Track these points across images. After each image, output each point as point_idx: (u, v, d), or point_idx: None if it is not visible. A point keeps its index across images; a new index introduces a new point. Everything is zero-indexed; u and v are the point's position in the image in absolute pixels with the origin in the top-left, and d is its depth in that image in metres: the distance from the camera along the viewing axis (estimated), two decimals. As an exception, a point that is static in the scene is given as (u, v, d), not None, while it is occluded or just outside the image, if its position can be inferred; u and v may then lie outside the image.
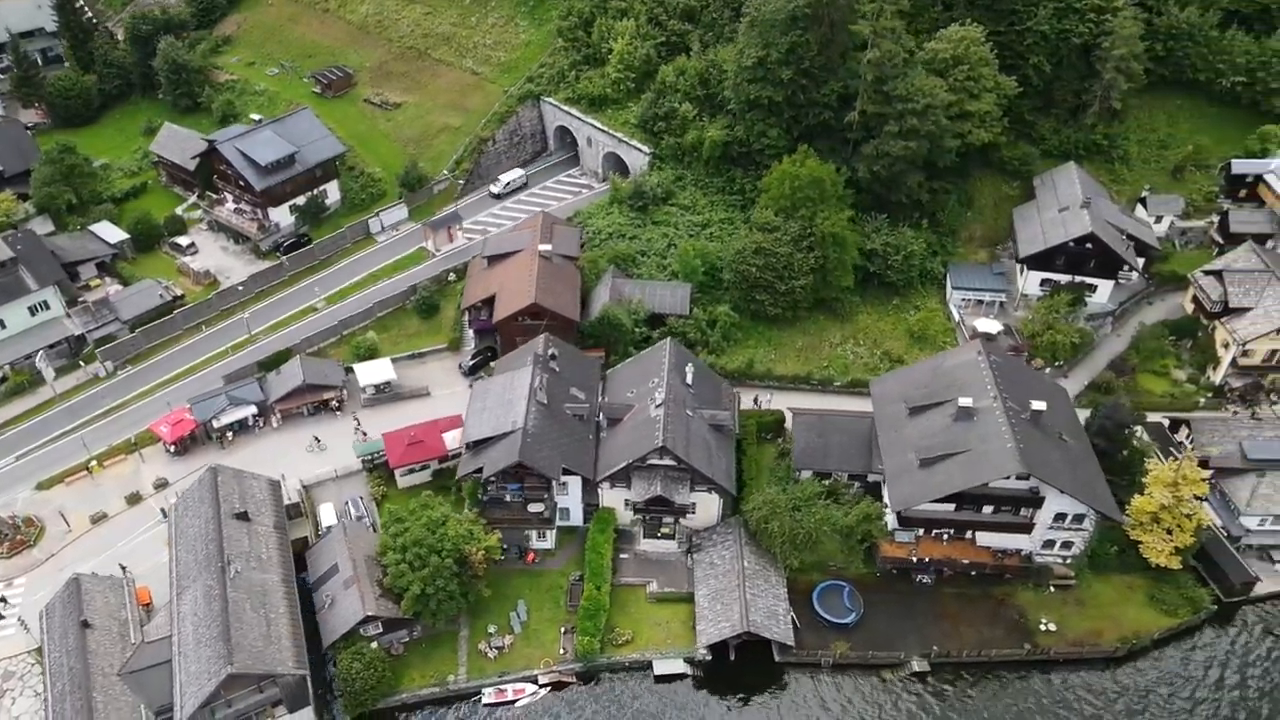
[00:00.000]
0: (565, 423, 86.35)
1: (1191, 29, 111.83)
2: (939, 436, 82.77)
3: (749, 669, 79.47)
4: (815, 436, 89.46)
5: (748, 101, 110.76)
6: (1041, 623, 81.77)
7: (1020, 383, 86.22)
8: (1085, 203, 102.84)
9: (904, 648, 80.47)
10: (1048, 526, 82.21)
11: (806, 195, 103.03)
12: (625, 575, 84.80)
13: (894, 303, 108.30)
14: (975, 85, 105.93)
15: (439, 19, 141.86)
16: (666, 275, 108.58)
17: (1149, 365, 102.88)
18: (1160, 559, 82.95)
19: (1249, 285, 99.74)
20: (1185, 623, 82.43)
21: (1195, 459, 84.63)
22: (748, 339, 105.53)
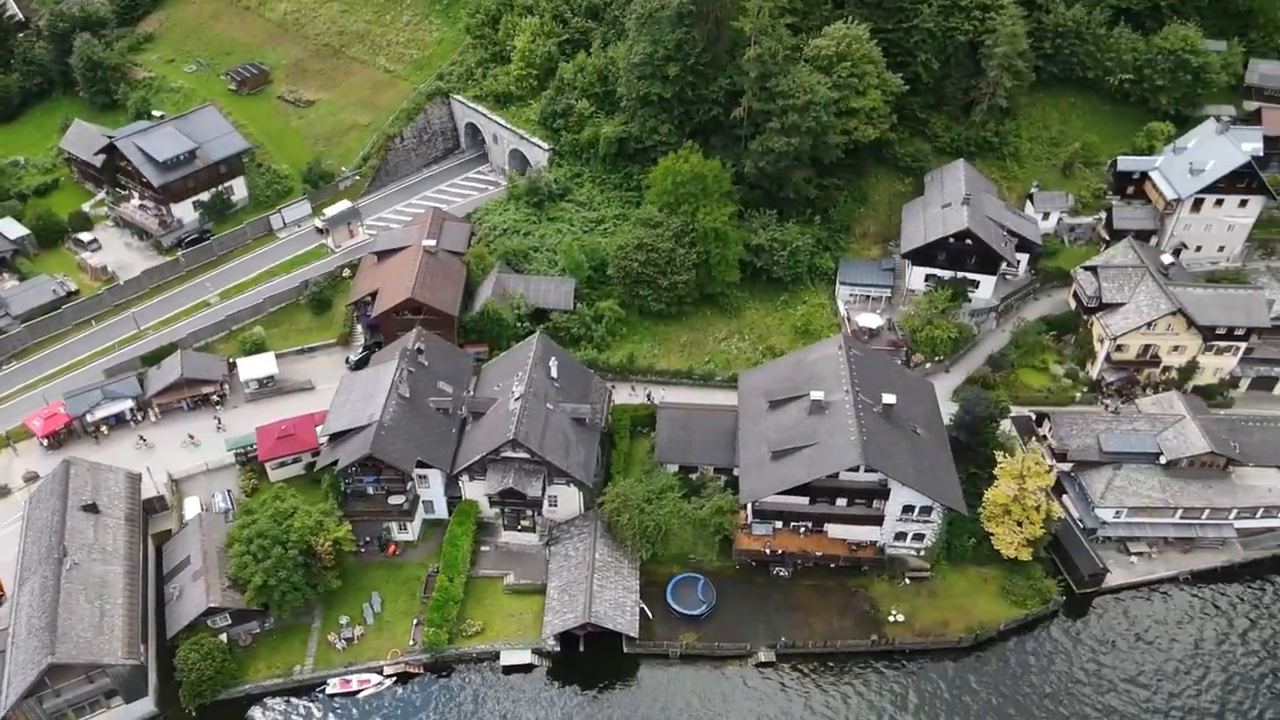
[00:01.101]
0: (427, 416, 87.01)
1: (1079, 27, 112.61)
2: (792, 430, 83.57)
3: (599, 660, 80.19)
4: (679, 430, 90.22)
5: (639, 98, 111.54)
6: (891, 614, 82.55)
7: (879, 377, 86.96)
8: (965, 199, 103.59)
9: (752, 638, 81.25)
10: (897, 519, 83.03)
11: (688, 191, 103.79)
12: (484, 567, 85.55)
13: (782, 298, 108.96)
14: (860, 82, 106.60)
15: (354, 17, 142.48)
16: (558, 271, 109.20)
17: (1028, 360, 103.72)
18: (1010, 550, 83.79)
19: (1122, 281, 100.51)
20: (1034, 614, 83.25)
21: (1042, 452, 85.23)
22: (633, 334, 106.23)
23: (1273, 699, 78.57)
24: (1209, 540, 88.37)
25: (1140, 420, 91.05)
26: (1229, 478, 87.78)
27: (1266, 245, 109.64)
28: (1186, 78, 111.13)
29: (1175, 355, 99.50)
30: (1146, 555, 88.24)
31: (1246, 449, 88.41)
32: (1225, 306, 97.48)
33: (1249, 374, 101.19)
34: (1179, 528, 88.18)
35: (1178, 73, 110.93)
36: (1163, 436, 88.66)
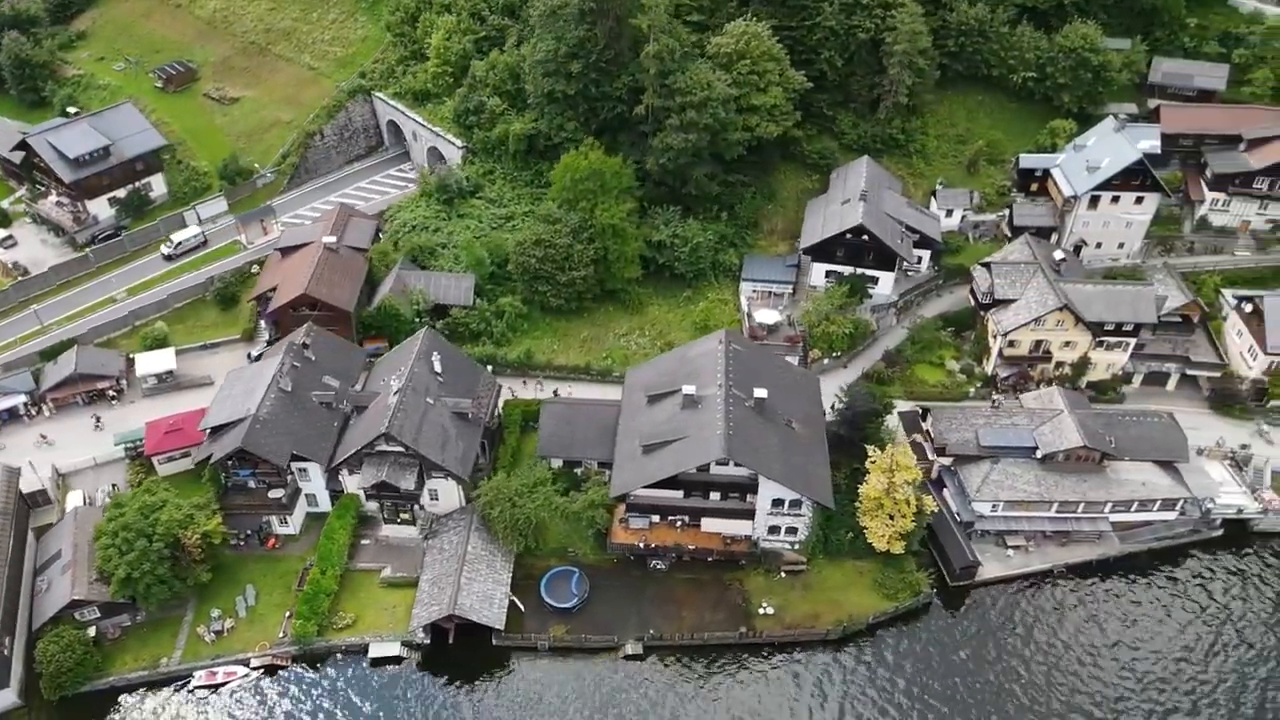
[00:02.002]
0: (308, 410, 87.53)
1: (982, 25, 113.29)
2: (665, 424, 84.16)
3: (469, 653, 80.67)
4: (562, 425, 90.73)
5: (545, 95, 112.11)
6: (761, 607, 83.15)
7: (758, 372, 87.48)
8: (862, 195, 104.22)
9: (622, 631, 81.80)
10: (768, 513, 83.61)
11: (587, 188, 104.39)
12: (362, 560, 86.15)
13: (685, 294, 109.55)
14: (760, 79, 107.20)
15: (282, 14, 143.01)
16: (462, 268, 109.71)
17: (925, 356, 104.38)
18: (882, 544, 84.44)
19: (1014, 277, 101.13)
20: (905, 606, 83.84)
21: (926, 447, 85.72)
22: (534, 330, 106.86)
23: (1122, 688, 79.40)
24: (1085, 534, 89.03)
25: (1020, 415, 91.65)
26: (1104, 472, 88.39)
27: (1165, 242, 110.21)
28: (1087, 76, 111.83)
29: (1067, 351, 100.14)
30: (1023, 549, 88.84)
31: (1123, 443, 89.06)
32: (1113, 303, 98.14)
33: (1140, 370, 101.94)
34: (1055, 521, 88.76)
35: (1078, 71, 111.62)
36: (1039, 431, 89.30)
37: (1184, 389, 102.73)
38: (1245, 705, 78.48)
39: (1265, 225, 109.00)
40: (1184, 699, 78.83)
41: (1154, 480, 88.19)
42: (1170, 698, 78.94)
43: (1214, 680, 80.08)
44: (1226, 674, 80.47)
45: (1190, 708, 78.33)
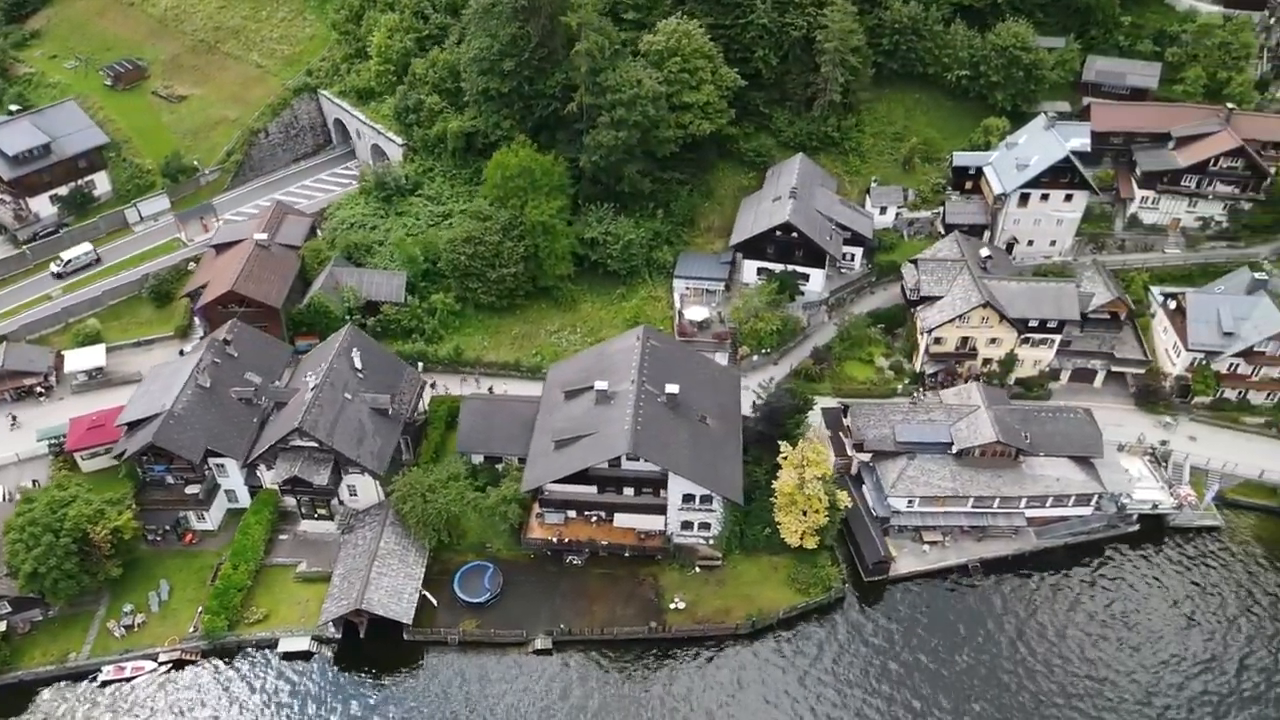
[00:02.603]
0: (226, 406, 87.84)
1: (916, 24, 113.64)
2: (578, 419, 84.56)
3: (380, 647, 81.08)
4: (481, 421, 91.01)
5: (481, 93, 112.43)
6: (673, 602, 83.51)
7: (674, 368, 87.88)
8: (792, 192, 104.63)
9: (532, 626, 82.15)
10: (679, 508, 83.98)
11: (517, 185, 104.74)
12: (279, 555, 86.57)
13: (619, 291, 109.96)
14: (692, 77, 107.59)
15: (232, 12, 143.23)
16: (397, 265, 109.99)
17: (855, 353, 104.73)
18: (795, 539, 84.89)
19: (941, 274, 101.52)
20: (816, 601, 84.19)
21: (817, 443, 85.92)
22: (466, 326, 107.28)
23: (1032, 681, 79.83)
24: (1001, 529, 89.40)
25: (937, 411, 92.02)
26: (1019, 467, 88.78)
27: (1097, 239, 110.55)
28: (1019, 74, 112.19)
29: (993, 348, 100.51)
30: (940, 544, 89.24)
31: (1038, 439, 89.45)
32: (1036, 300, 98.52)
33: (1067, 366, 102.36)
34: (971, 517, 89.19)
35: (1011, 69, 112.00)
36: (956, 427, 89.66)
37: (1111, 385, 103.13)
38: (1156, 696, 78.93)
39: (1195, 223, 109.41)
40: (1091, 690, 79.26)
41: (1068, 476, 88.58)
42: (1080, 685, 79.33)
43: (1123, 671, 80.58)
44: (1134, 668, 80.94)
45: (1098, 698, 78.74)
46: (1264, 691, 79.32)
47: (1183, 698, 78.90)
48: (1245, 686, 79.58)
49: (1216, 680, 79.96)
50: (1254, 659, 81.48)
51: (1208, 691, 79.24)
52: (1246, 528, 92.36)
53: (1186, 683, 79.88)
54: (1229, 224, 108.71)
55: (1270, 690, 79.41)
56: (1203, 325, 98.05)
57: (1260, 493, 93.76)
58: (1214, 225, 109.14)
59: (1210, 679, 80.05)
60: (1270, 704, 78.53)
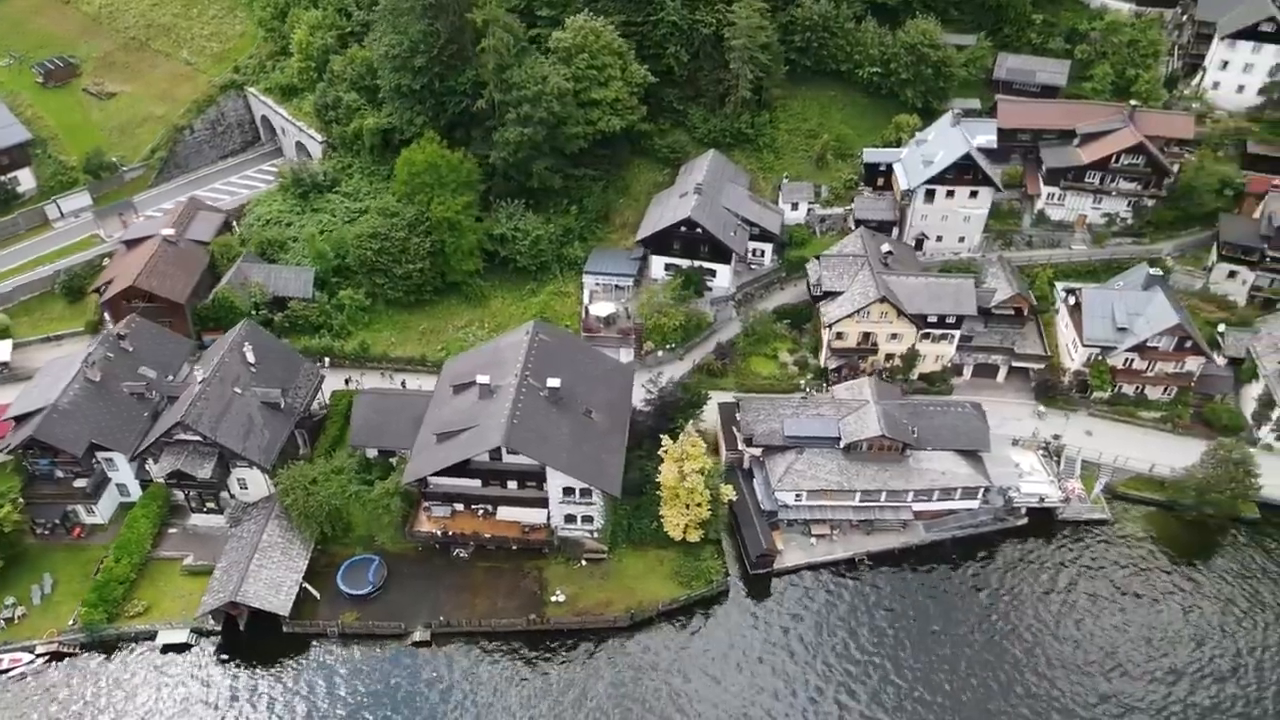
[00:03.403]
0: (116, 400, 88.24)
1: (827, 21, 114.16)
2: (462, 413, 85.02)
3: (260, 639, 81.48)
4: (374, 415, 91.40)
5: (393, 89, 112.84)
6: (554, 595, 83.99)
7: (562, 362, 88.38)
8: (696, 188, 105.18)
9: (412, 618, 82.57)
10: (559, 501, 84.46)
11: (423, 181, 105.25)
12: (167, 549, 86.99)
13: (529, 287, 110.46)
14: (600, 73, 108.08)
15: (164, 10, 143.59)
16: (309, 260, 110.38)
17: (760, 349, 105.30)
18: (678, 532, 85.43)
19: (842, 270, 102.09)
20: (697, 594, 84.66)
21: (696, 437, 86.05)
22: (375, 322, 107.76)
23: (915, 672, 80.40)
24: (889, 522, 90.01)
25: (827, 406, 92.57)
26: (906, 461, 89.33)
27: (1004, 236, 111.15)
28: (928, 71, 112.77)
29: (894, 343, 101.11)
30: (828, 537, 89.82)
31: (925, 433, 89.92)
32: (934, 295, 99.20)
33: (969, 361, 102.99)
34: (859, 510, 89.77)
35: (920, 66, 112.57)
36: (844, 421, 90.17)
37: (1014, 381, 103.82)
38: (1027, 688, 79.59)
39: (1101, 220, 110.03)
40: (972, 679, 79.98)
41: (954, 469, 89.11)
42: (957, 679, 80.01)
43: (1000, 662, 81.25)
44: (1019, 655, 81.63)
45: (977, 688, 79.38)
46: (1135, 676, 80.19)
47: (1073, 688, 79.54)
48: (1112, 675, 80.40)
49: (1097, 667, 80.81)
50: (1126, 650, 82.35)
51: (1095, 680, 79.98)
52: (1135, 521, 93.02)
53: (1087, 679, 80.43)
54: (1134, 220, 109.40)
55: (1150, 670, 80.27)
56: (1098, 321, 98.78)
57: (1150, 486, 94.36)
58: (1119, 222, 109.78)
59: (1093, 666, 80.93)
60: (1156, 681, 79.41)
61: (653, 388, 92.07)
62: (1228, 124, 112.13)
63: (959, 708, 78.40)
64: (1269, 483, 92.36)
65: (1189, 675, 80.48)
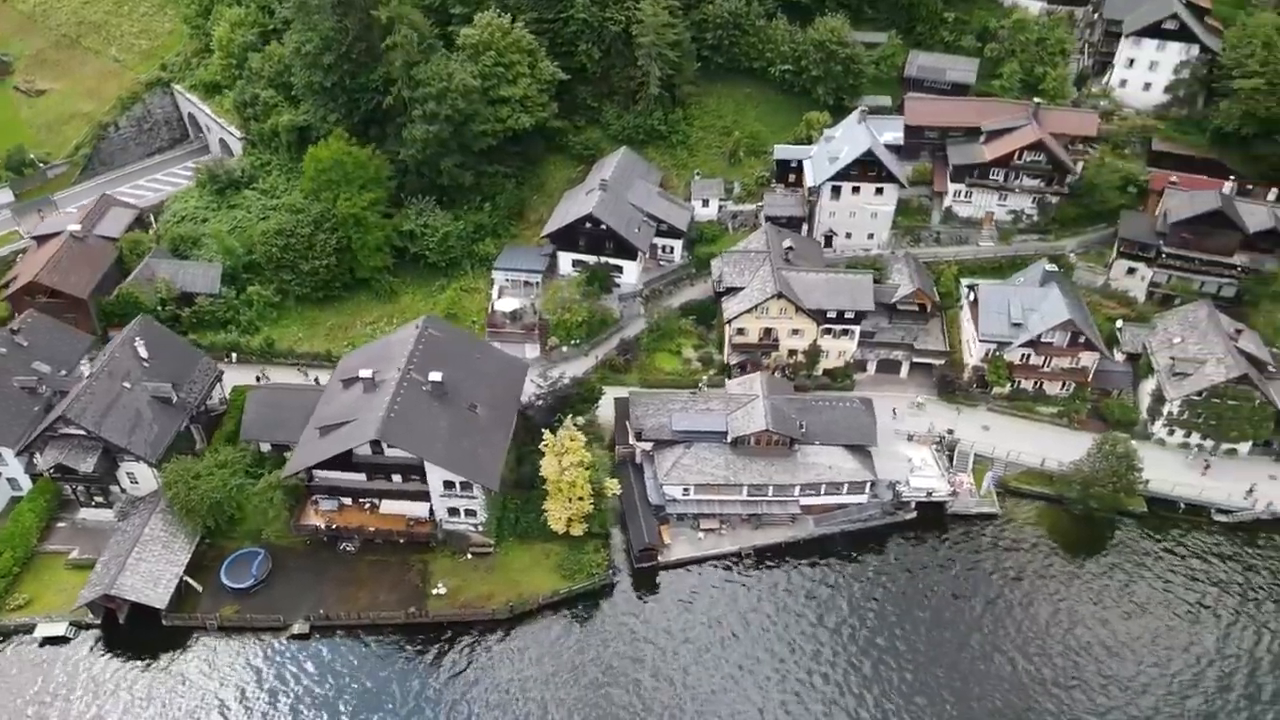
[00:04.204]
0: (6, 395, 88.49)
1: (738, 19, 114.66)
2: (345, 406, 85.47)
3: (141, 631, 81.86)
4: (266, 409, 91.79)
5: (306, 86, 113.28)
6: (435, 588, 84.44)
7: (449, 357, 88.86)
8: (601, 185, 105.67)
9: (292, 611, 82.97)
10: (441, 494, 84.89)
11: (330, 178, 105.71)
12: (55, 542, 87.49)
13: (440, 283, 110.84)
14: (509, 70, 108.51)
15: (96, 7, 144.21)
16: (221, 257, 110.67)
17: (664, 345, 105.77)
18: (560, 526, 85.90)
19: (744, 266, 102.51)
20: (579, 588, 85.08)
21: (575, 431, 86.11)
22: (284, 318, 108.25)
23: (790, 662, 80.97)
24: (777, 516, 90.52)
25: (716, 401, 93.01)
26: (793, 456, 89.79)
27: (913, 233, 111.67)
28: (837, 69, 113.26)
29: (795, 339, 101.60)
30: (716, 531, 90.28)
31: (814, 428, 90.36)
32: (832, 291, 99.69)
33: (872, 357, 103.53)
34: (747, 505, 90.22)
35: (829, 64, 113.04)
36: (733, 416, 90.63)
37: (917, 376, 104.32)
38: (924, 682, 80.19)
39: (1007, 216, 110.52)
40: (851, 668, 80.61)
41: (840, 464, 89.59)
42: (837, 671, 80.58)
43: (882, 652, 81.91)
44: (900, 648, 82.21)
45: (855, 679, 79.98)
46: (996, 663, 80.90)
47: (941, 679, 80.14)
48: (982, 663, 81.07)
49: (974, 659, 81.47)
50: (999, 637, 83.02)
51: (971, 670, 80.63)
52: (1026, 515, 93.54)
53: (954, 670, 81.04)
54: (1039, 218, 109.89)
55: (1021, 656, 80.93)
56: (993, 316, 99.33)
57: (1041, 481, 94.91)
58: (1025, 219, 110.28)
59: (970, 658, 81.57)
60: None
61: (543, 383, 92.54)
62: (1135, 121, 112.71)
63: (837, 699, 78.88)
64: (1158, 476, 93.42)
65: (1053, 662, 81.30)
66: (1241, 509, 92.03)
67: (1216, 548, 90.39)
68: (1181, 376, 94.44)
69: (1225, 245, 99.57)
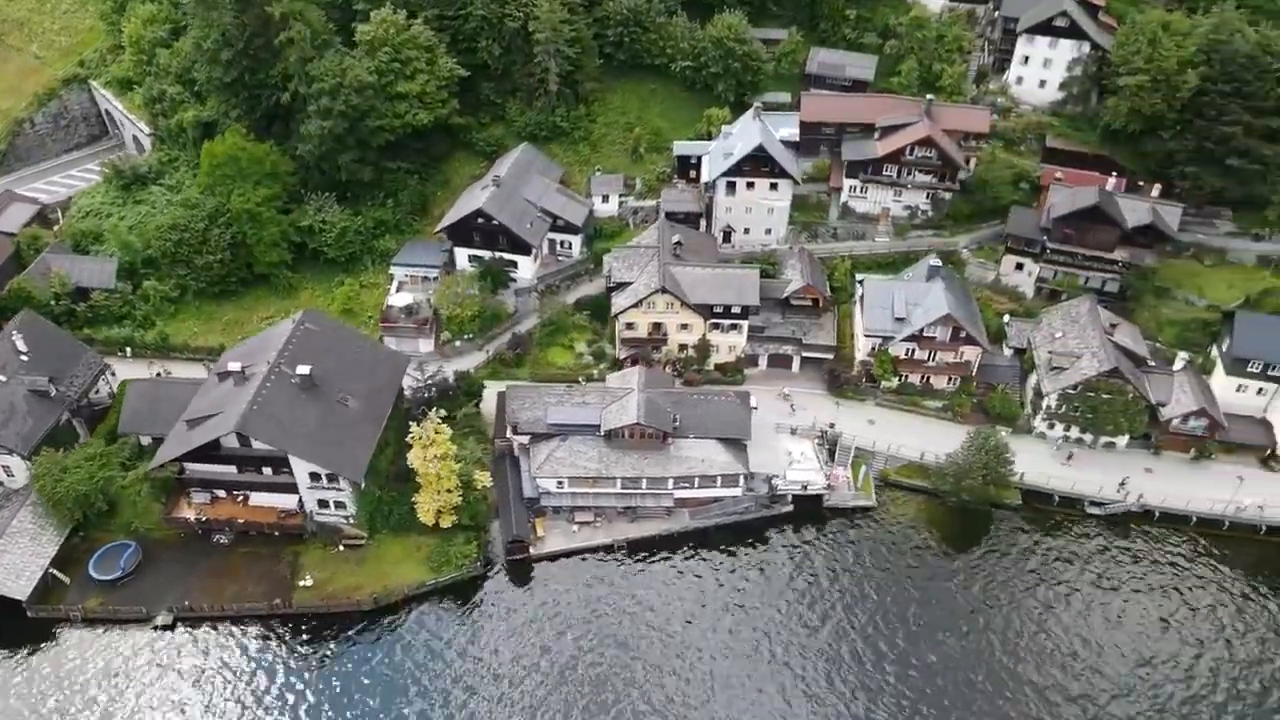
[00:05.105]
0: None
1: (639, 15, 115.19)
2: (215, 399, 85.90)
3: (5, 624, 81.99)
4: (145, 403, 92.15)
5: (207, 82, 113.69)
6: (302, 580, 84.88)
7: (324, 350, 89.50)
8: (494, 180, 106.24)
9: (158, 602, 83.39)
10: (308, 486, 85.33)
11: (224, 173, 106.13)
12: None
13: (339, 278, 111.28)
14: (405, 66, 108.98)
15: (18, 5, 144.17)
16: (119, 252, 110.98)
17: (558, 339, 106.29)
18: (429, 518, 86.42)
19: (633, 261, 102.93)
20: (446, 579, 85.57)
21: (437, 423, 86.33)
22: (182, 312, 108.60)
23: (661, 652, 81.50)
24: (651, 509, 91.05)
25: (594, 395, 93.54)
26: (667, 449, 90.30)
27: (810, 228, 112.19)
28: (736, 65, 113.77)
29: (685, 334, 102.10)
30: (592, 524, 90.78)
31: (689, 422, 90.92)
32: (718, 286, 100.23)
33: (761, 352, 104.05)
34: (621, 497, 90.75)
35: (728, 60, 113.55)
36: (608, 410, 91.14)
37: (809, 371, 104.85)
38: (782, 671, 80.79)
39: (903, 212, 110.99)
40: (714, 661, 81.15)
41: (713, 457, 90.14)
42: (700, 663, 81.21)
43: (750, 643, 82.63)
44: (759, 639, 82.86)
45: (717, 672, 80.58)
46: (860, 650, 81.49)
47: (806, 665, 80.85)
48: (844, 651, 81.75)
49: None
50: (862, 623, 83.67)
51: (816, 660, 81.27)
52: (904, 508, 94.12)
53: (812, 660, 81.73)
54: (934, 213, 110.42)
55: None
56: (878, 311, 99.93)
57: (919, 473, 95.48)
58: (920, 214, 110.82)
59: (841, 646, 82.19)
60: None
61: (420, 376, 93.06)
62: (1031, 119, 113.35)
63: (689, 691, 79.46)
64: (1036, 470, 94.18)
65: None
66: (1114, 501, 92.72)
67: (1089, 540, 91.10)
68: (1058, 371, 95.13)
69: (1105, 241, 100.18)
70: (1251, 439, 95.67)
